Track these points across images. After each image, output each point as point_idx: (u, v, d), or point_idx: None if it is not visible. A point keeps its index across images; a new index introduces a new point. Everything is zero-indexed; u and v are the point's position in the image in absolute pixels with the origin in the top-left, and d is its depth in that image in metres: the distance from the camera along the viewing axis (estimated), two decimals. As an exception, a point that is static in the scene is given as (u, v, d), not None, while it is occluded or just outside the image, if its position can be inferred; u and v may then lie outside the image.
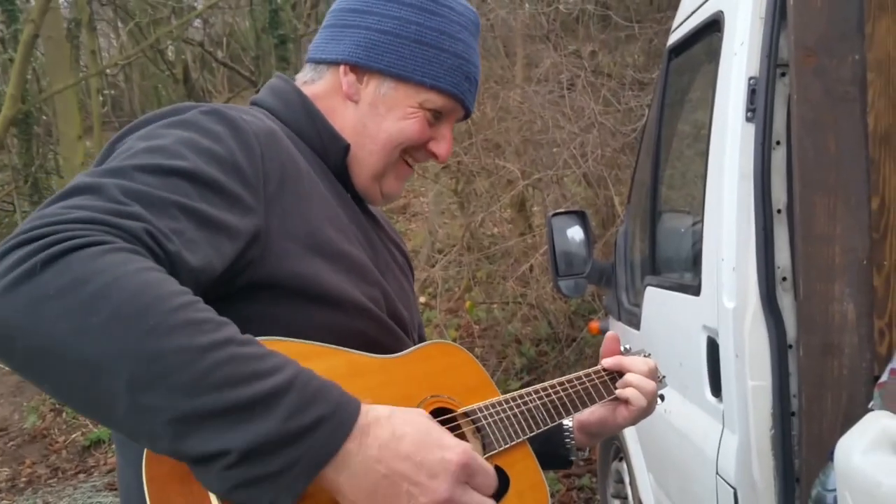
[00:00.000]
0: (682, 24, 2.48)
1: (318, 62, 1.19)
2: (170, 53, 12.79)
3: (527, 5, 5.32)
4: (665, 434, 2.38)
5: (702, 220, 2.12)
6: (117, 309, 0.71)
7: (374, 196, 1.19)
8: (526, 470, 1.12)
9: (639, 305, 2.75)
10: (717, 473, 1.96)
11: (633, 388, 1.29)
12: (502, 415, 1.10)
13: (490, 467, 0.87)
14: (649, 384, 1.30)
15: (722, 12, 2.07)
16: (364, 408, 0.79)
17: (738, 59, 1.93)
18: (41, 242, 0.73)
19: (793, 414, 1.81)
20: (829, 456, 1.68)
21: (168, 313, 0.73)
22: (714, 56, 2.14)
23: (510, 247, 5.37)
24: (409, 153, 1.18)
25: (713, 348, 1.99)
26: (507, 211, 6.17)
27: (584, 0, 4.60)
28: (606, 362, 1.34)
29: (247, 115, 1.01)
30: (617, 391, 1.30)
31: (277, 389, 0.74)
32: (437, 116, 1.16)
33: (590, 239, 3.11)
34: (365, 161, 1.15)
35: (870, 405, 1.73)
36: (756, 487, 1.84)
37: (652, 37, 4.51)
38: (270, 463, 0.73)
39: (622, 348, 1.40)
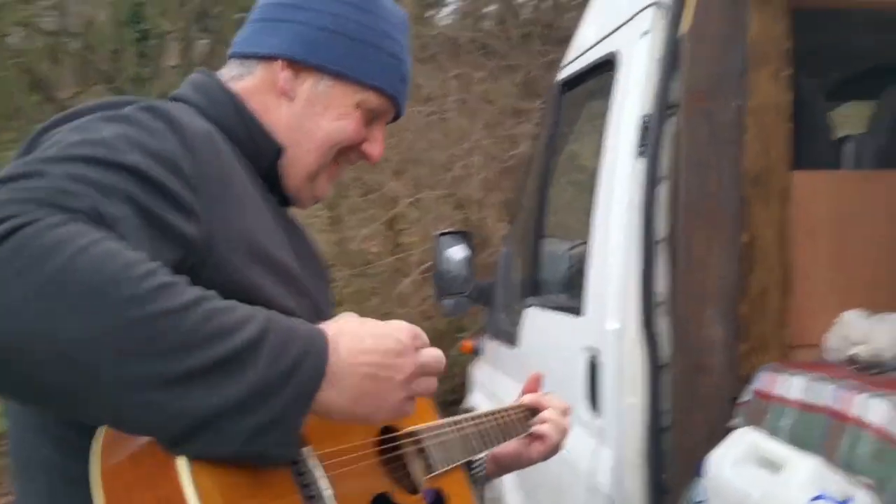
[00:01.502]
0: (575, 61, 2.62)
1: (246, 57, 1.13)
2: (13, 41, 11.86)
3: (413, 27, 5.41)
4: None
5: (587, 246, 2.24)
6: (88, 281, 0.68)
7: (306, 197, 1.16)
8: (461, 494, 1.15)
9: (518, 325, 2.85)
10: (592, 487, 2.07)
11: (549, 424, 1.34)
12: (443, 438, 1.13)
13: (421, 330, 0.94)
14: (564, 422, 1.36)
15: (616, 52, 2.22)
16: (325, 328, 0.85)
17: (632, 98, 2.07)
18: None
19: (664, 429, 1.94)
20: (697, 470, 1.82)
21: (139, 279, 0.71)
22: (606, 93, 2.28)
23: (383, 264, 5.40)
24: (343, 154, 1.16)
25: (593, 367, 2.10)
26: (380, 228, 6.21)
27: (471, 26, 4.76)
28: (526, 399, 1.38)
29: (184, 115, 0.96)
30: (534, 427, 1.35)
31: (259, 335, 0.76)
32: (371, 117, 1.14)
33: (473, 259, 3.20)
34: (301, 161, 1.12)
35: (732, 422, 1.89)
36: (629, 498, 1.95)
37: (531, 69, 4.73)
38: (273, 405, 0.75)
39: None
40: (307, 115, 1.11)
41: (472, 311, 3.72)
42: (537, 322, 2.67)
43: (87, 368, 0.69)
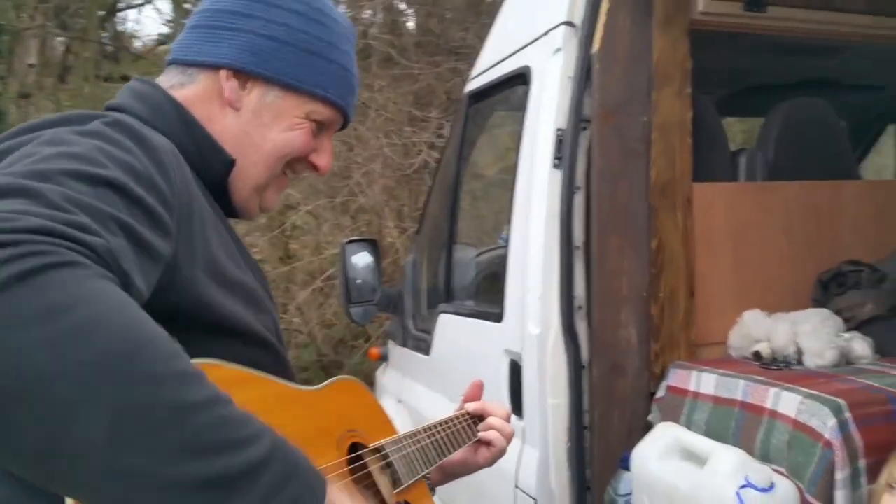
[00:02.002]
0: (484, 74, 2.70)
1: (188, 64, 1.10)
2: None
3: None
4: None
5: (507, 254, 2.32)
6: (105, 347, 0.64)
7: (253, 210, 1.14)
8: None
9: (429, 332, 2.89)
10: (516, 486, 2.14)
11: (495, 430, 1.37)
12: (405, 451, 1.15)
13: None
14: (509, 427, 1.39)
15: (529, 67, 2.30)
16: (329, 485, 0.79)
17: (547, 112, 2.16)
18: (6, 253, 0.64)
19: (586, 428, 2.04)
20: (621, 464, 1.92)
21: (159, 360, 0.66)
22: (519, 106, 2.37)
23: (273, 273, 5.31)
24: (291, 165, 1.14)
25: (515, 370, 2.17)
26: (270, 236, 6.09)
27: (370, 35, 4.77)
28: (470, 406, 1.40)
29: (145, 129, 0.93)
30: (481, 433, 1.38)
31: (260, 461, 0.70)
32: (320, 128, 1.13)
33: (379, 267, 3.21)
34: (249, 172, 1.09)
35: (649, 417, 2.01)
36: (554, 497, 2.03)
37: (430, 80, 4.80)
38: None
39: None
40: (255, 126, 1.09)
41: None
42: (452, 329, 2.72)
43: (74, 437, 0.63)
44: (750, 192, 2.23)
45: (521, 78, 2.37)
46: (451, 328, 2.74)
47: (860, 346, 1.95)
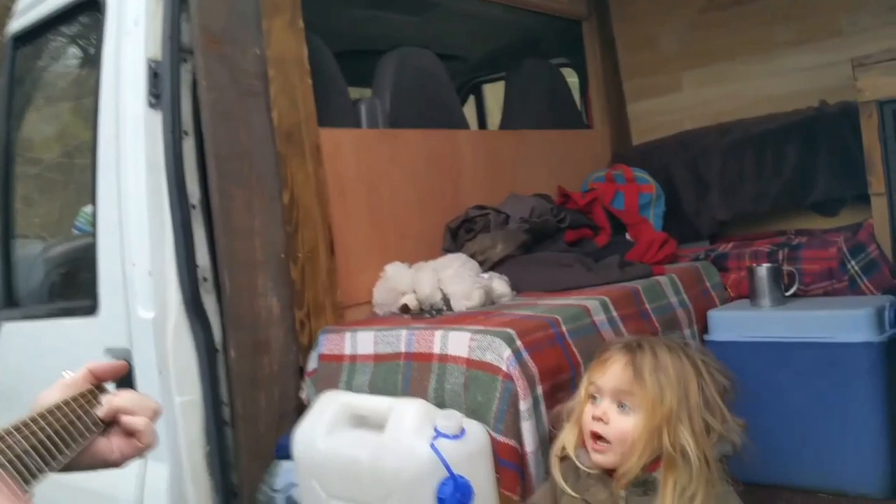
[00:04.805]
0: (37, 6, 2.10)
1: None
2: None
3: None
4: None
5: (94, 225, 1.81)
6: None
7: None
8: None
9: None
10: (142, 517, 1.66)
11: (140, 419, 0.95)
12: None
13: None
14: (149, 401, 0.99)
15: (101, -9, 1.83)
16: None
17: (132, 41, 1.73)
18: None
19: (227, 423, 1.66)
20: (277, 455, 1.60)
21: None
22: (91, 41, 1.87)
23: None
24: None
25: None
26: None
27: None
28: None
29: None
30: (125, 419, 0.94)
31: None
32: None
33: None
34: None
35: (302, 396, 1.72)
36: (194, 516, 1.62)
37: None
38: None
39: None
40: None
41: None
42: (22, 340, 2.08)
43: None
44: (376, 140, 2.06)
45: (91, 4, 1.87)
46: (19, 340, 2.09)
47: (499, 284, 1.91)
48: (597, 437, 1.12)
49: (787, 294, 2.00)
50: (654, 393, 1.08)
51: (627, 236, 2.41)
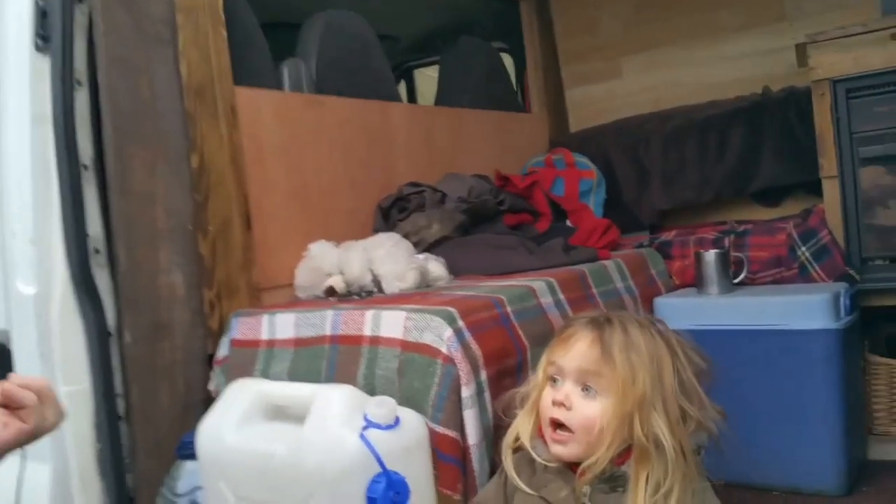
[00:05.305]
0: None
1: None
2: None
3: None
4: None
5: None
6: None
7: None
8: None
9: None
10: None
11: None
12: None
13: None
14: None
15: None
16: None
17: (16, -25, 1.49)
18: None
19: (121, 418, 1.44)
20: (178, 453, 1.38)
21: None
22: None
23: None
24: None
25: (2, 354, 1.45)
26: None
27: None
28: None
29: None
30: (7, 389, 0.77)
31: None
32: None
33: None
34: None
35: (210, 387, 1.51)
36: (81, 526, 1.38)
37: None
38: None
39: None
40: None
41: None
42: None
43: None
44: (301, 105, 1.86)
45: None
46: None
47: (435, 266, 1.75)
48: (557, 424, 0.96)
49: (736, 281, 1.90)
50: (624, 374, 0.93)
51: (568, 223, 2.28)
